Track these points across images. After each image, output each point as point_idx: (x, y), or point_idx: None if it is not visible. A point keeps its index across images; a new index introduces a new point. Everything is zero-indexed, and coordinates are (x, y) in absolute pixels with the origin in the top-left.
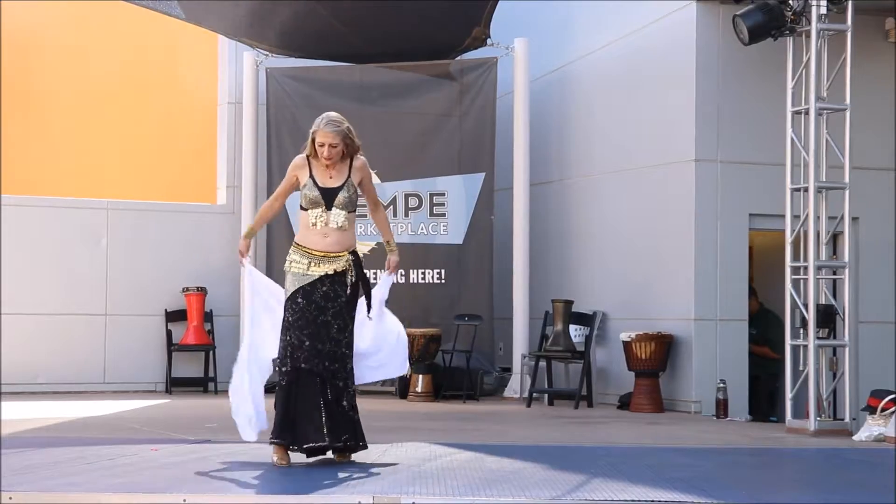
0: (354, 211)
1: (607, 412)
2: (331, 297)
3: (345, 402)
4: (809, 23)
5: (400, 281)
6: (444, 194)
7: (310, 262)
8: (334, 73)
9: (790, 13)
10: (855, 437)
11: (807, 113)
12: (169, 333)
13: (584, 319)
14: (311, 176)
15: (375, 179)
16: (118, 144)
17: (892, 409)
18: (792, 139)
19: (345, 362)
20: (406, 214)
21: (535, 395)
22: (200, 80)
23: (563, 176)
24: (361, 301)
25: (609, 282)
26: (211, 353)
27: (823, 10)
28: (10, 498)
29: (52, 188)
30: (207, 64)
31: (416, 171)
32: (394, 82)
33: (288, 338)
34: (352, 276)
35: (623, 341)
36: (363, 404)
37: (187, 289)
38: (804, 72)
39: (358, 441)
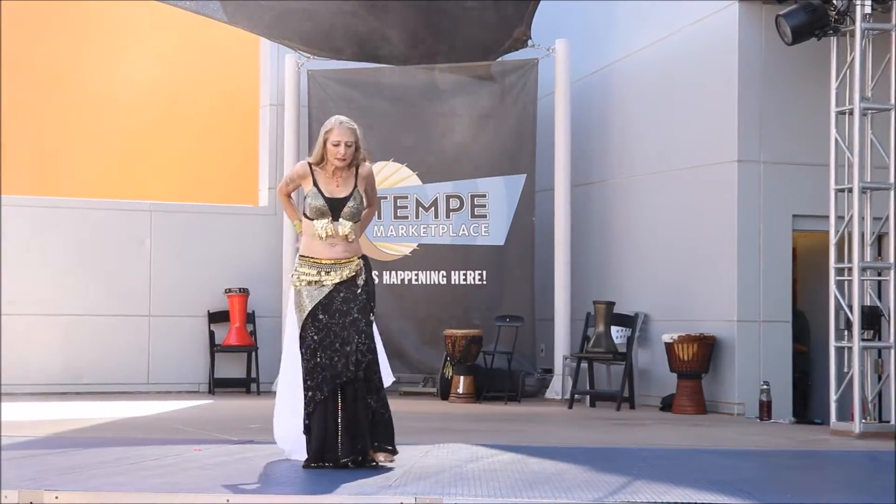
0: (360, 220)
1: (649, 414)
2: (350, 298)
3: (370, 400)
4: (853, 22)
5: (441, 282)
6: (485, 196)
7: (320, 271)
8: (375, 74)
9: (834, 13)
10: None
11: (851, 113)
12: (212, 334)
13: (626, 321)
14: (316, 185)
15: (416, 181)
16: (161, 147)
17: None
18: (836, 139)
19: (375, 354)
20: (447, 216)
21: (576, 396)
22: (242, 82)
23: (605, 177)
24: None
25: (651, 283)
26: (253, 353)
27: (868, 10)
28: (57, 497)
29: (97, 190)
30: (249, 66)
31: (458, 173)
32: (435, 84)
33: (317, 359)
34: (362, 279)
35: (665, 343)
36: (404, 406)
37: (230, 290)
38: (848, 72)
39: (391, 442)
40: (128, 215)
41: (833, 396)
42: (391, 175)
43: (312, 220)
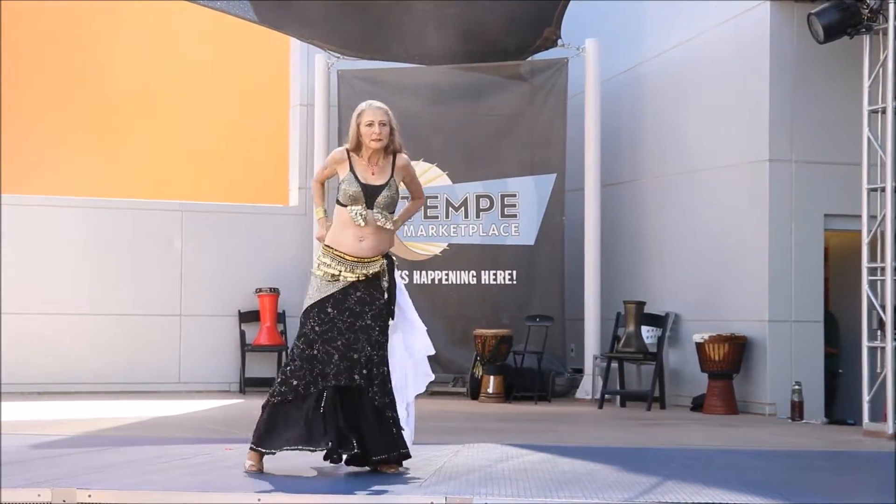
0: (394, 212)
1: (680, 414)
2: (367, 300)
3: (389, 414)
4: (886, 20)
5: (471, 282)
6: (515, 195)
7: (341, 269)
8: (405, 74)
9: (866, 11)
10: None
11: (884, 112)
12: (242, 334)
13: (657, 321)
14: (352, 170)
15: (446, 181)
16: (192, 147)
17: None
18: (868, 138)
19: (389, 366)
20: (477, 216)
21: (606, 396)
22: (273, 82)
23: (635, 177)
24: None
25: (681, 283)
26: (284, 353)
27: None
28: (90, 496)
29: (128, 190)
30: (279, 67)
31: (488, 173)
32: (465, 83)
33: (314, 351)
34: (386, 280)
35: (696, 343)
36: (434, 405)
37: (260, 289)
38: (881, 70)
39: (400, 451)
40: (159, 215)
41: (866, 397)
42: (421, 175)
43: (346, 206)
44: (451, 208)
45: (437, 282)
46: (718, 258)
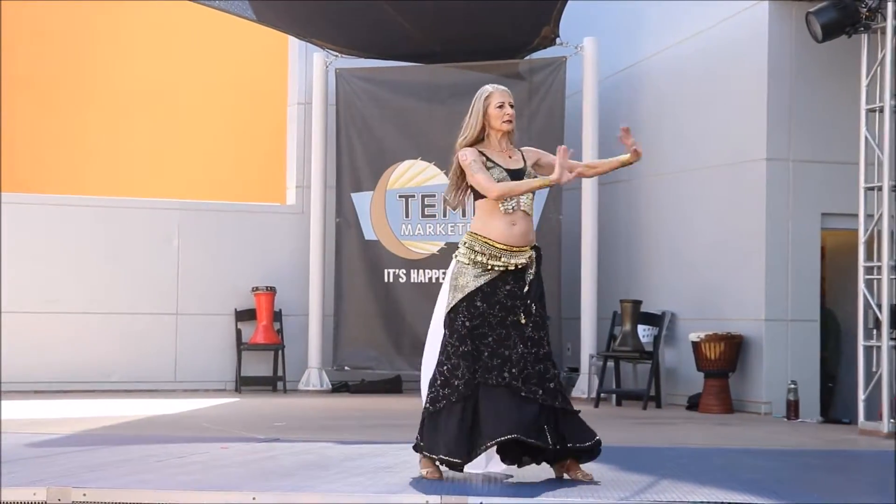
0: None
1: (676, 413)
2: (517, 294)
3: (557, 405)
4: (885, 19)
5: None
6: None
7: (490, 255)
8: (404, 73)
9: (865, 10)
10: None
11: (881, 111)
12: (238, 332)
13: (653, 319)
14: (490, 159)
15: (444, 180)
16: (189, 145)
17: None
18: (866, 137)
19: (549, 362)
20: (474, 214)
21: (602, 395)
22: (270, 80)
23: (632, 175)
24: None
25: (678, 282)
26: (280, 352)
27: None
28: (84, 495)
29: (125, 189)
30: (277, 65)
31: None
32: (463, 82)
33: (466, 348)
34: (531, 273)
35: (692, 342)
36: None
37: (257, 288)
38: (879, 69)
39: (593, 441)
40: (156, 213)
41: (861, 396)
42: (419, 174)
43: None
44: (448, 207)
45: (434, 281)
46: (715, 257)
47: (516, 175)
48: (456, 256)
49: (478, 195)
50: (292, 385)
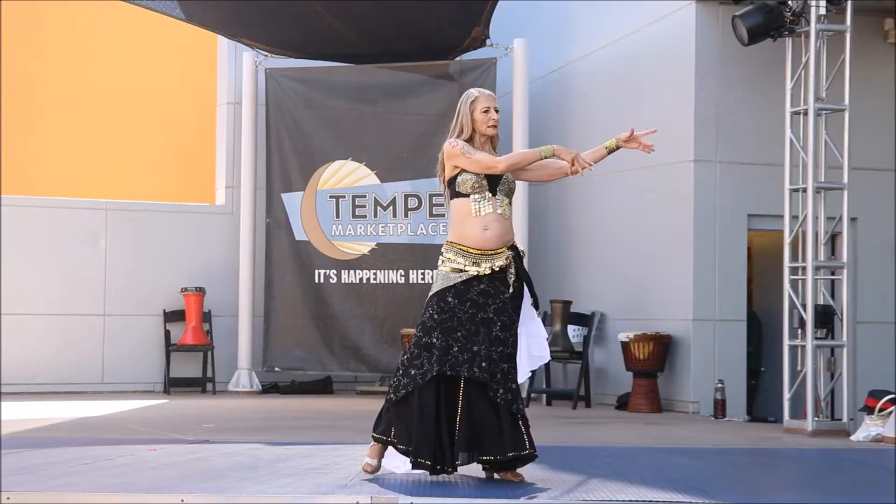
0: (511, 200)
1: (605, 412)
2: (490, 293)
3: (514, 409)
4: (808, 23)
5: (399, 281)
6: (443, 195)
7: (465, 262)
8: (334, 73)
9: (789, 14)
10: (853, 438)
11: (805, 113)
12: (167, 334)
13: (583, 320)
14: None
15: (375, 180)
16: (117, 145)
17: (890, 409)
18: (791, 139)
19: (512, 363)
20: (406, 215)
21: (533, 395)
22: (200, 80)
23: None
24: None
25: (607, 282)
26: (209, 353)
27: (822, 11)
28: (8, 498)
29: (51, 189)
30: (206, 64)
31: (416, 172)
32: (393, 83)
33: (430, 339)
34: (512, 273)
35: (621, 342)
36: (361, 405)
37: (186, 289)
38: (803, 72)
39: (529, 449)
40: (82, 213)
41: (787, 395)
42: (350, 174)
43: (468, 195)
44: (379, 207)
45: (365, 281)
46: (644, 258)
47: (496, 181)
48: (439, 267)
49: (454, 195)
50: (222, 386)
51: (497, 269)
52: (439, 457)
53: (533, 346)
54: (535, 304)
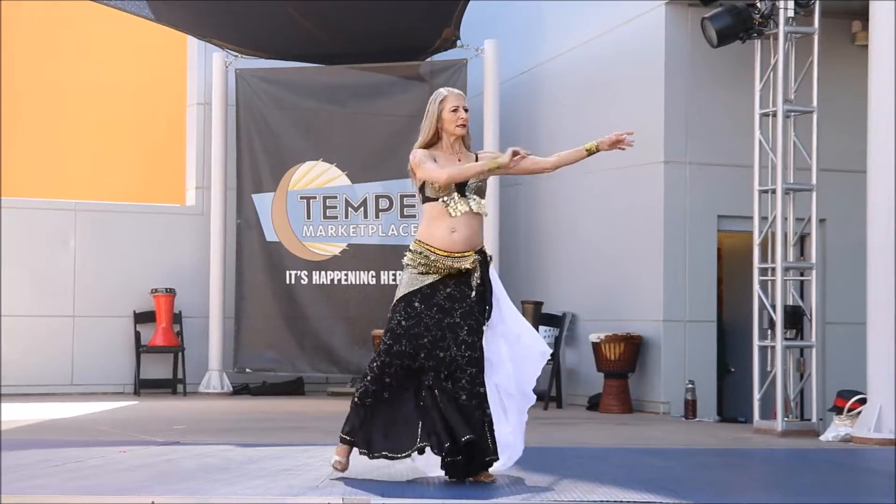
0: (483, 198)
1: (576, 413)
2: (456, 297)
3: (478, 413)
4: (777, 25)
5: (371, 282)
6: (414, 195)
7: (430, 262)
8: (304, 74)
9: (758, 16)
10: (822, 438)
11: (774, 115)
12: (137, 335)
13: (554, 321)
14: (437, 162)
15: (346, 181)
16: (86, 145)
17: (859, 409)
18: (760, 141)
19: (479, 368)
20: (377, 216)
21: None
22: (169, 81)
23: (532, 177)
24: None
25: (578, 283)
26: (180, 354)
27: (791, 13)
28: None
29: (20, 189)
30: (176, 65)
31: (387, 173)
32: (363, 83)
33: (400, 347)
34: (477, 277)
35: (592, 342)
36: (332, 406)
37: (156, 290)
38: (772, 74)
39: (494, 454)
40: (52, 214)
41: (756, 395)
42: (320, 175)
43: (436, 199)
44: (350, 208)
45: (336, 282)
46: (614, 259)
47: (462, 183)
48: (404, 261)
49: (426, 199)
50: (192, 388)
51: (462, 270)
52: (405, 451)
53: (533, 345)
54: (487, 315)
